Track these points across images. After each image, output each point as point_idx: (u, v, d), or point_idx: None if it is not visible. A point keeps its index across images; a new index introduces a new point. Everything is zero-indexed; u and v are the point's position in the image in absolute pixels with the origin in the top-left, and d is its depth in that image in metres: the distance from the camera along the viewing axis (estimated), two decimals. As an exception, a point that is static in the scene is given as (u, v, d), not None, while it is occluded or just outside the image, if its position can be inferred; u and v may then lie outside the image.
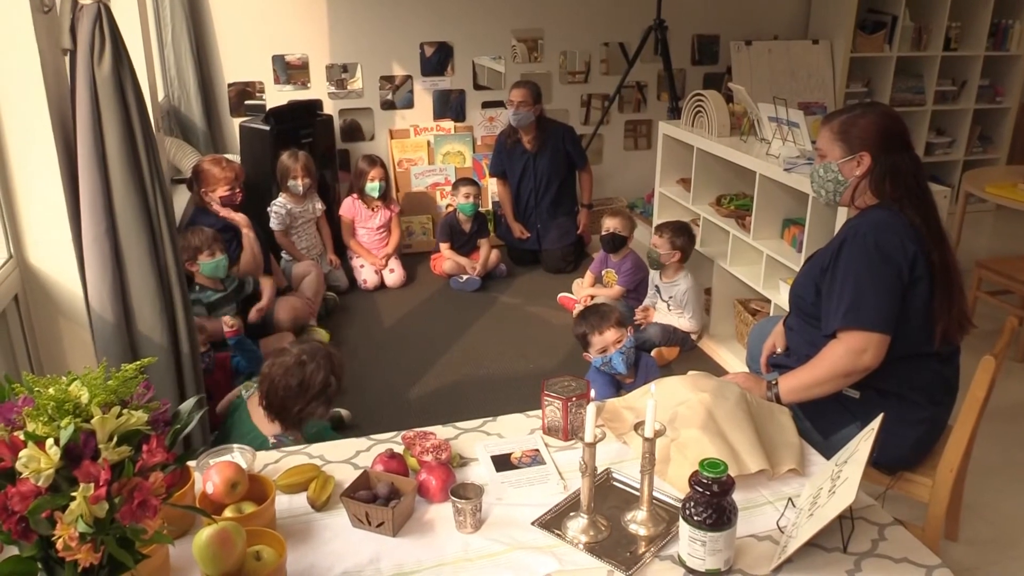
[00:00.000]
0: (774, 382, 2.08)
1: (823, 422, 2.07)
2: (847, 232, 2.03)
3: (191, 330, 2.38)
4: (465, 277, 4.48)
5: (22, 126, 2.04)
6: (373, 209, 4.52)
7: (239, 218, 3.54)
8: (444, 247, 4.56)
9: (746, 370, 2.72)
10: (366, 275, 4.45)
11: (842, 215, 2.71)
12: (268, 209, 4.15)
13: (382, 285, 4.47)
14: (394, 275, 4.48)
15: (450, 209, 4.74)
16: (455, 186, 4.62)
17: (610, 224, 3.99)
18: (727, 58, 5.55)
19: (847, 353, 1.96)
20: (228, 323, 3.09)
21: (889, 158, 2.03)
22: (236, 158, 4.38)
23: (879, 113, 2.08)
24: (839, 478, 1.45)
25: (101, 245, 2.08)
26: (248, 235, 3.55)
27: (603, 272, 4.15)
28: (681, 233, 3.66)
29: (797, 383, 2.05)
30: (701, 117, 3.74)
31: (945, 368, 2.09)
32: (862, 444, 1.49)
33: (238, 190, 3.56)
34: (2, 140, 2.04)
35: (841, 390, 2.04)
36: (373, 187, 4.43)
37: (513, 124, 4.66)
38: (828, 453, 1.76)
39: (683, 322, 3.73)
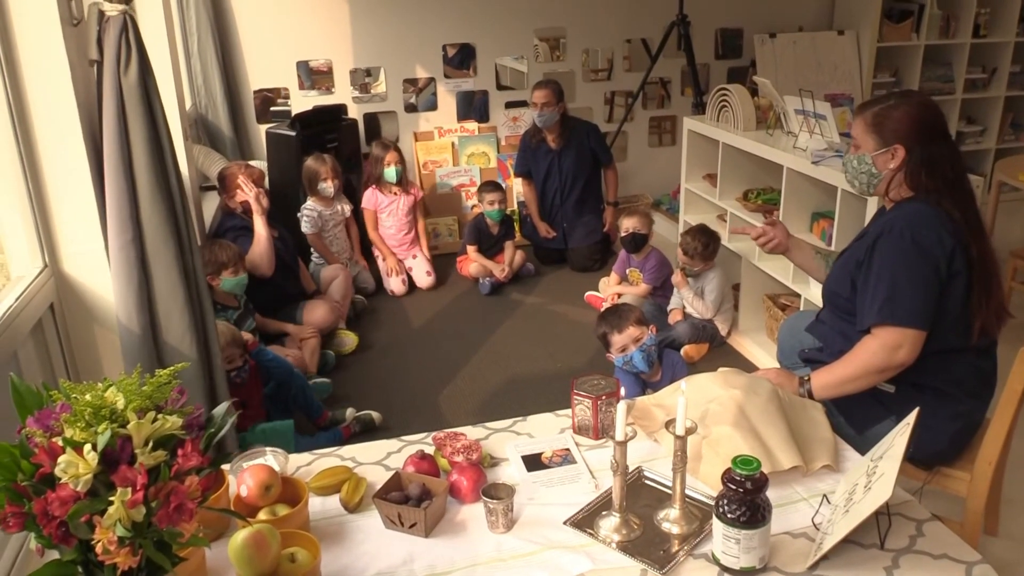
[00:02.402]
0: (806, 378, 2.06)
1: (857, 417, 2.04)
2: (883, 226, 1.99)
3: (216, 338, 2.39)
4: (482, 280, 4.47)
5: (54, 137, 2.07)
6: (394, 194, 4.47)
7: (254, 206, 3.52)
8: (471, 249, 4.55)
9: (777, 366, 2.69)
10: (393, 285, 4.42)
11: (872, 207, 2.68)
12: (298, 214, 4.17)
13: (409, 290, 4.47)
14: (429, 278, 4.48)
15: (476, 210, 4.74)
16: (480, 192, 4.60)
17: (628, 224, 3.97)
18: (751, 51, 5.50)
19: (881, 349, 1.93)
20: (248, 339, 3.12)
21: (925, 150, 1.99)
22: (263, 164, 4.43)
23: (914, 103, 2.02)
24: (875, 474, 1.43)
25: (127, 254, 2.09)
26: (259, 222, 3.52)
27: (627, 271, 4.13)
28: (713, 243, 3.65)
29: (830, 379, 2.02)
30: (726, 112, 3.71)
31: (983, 361, 2.05)
32: (898, 439, 1.47)
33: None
34: (35, 151, 2.07)
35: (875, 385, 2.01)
36: (390, 172, 4.38)
37: (538, 125, 4.65)
38: (863, 448, 1.74)
39: (698, 305, 3.69)
